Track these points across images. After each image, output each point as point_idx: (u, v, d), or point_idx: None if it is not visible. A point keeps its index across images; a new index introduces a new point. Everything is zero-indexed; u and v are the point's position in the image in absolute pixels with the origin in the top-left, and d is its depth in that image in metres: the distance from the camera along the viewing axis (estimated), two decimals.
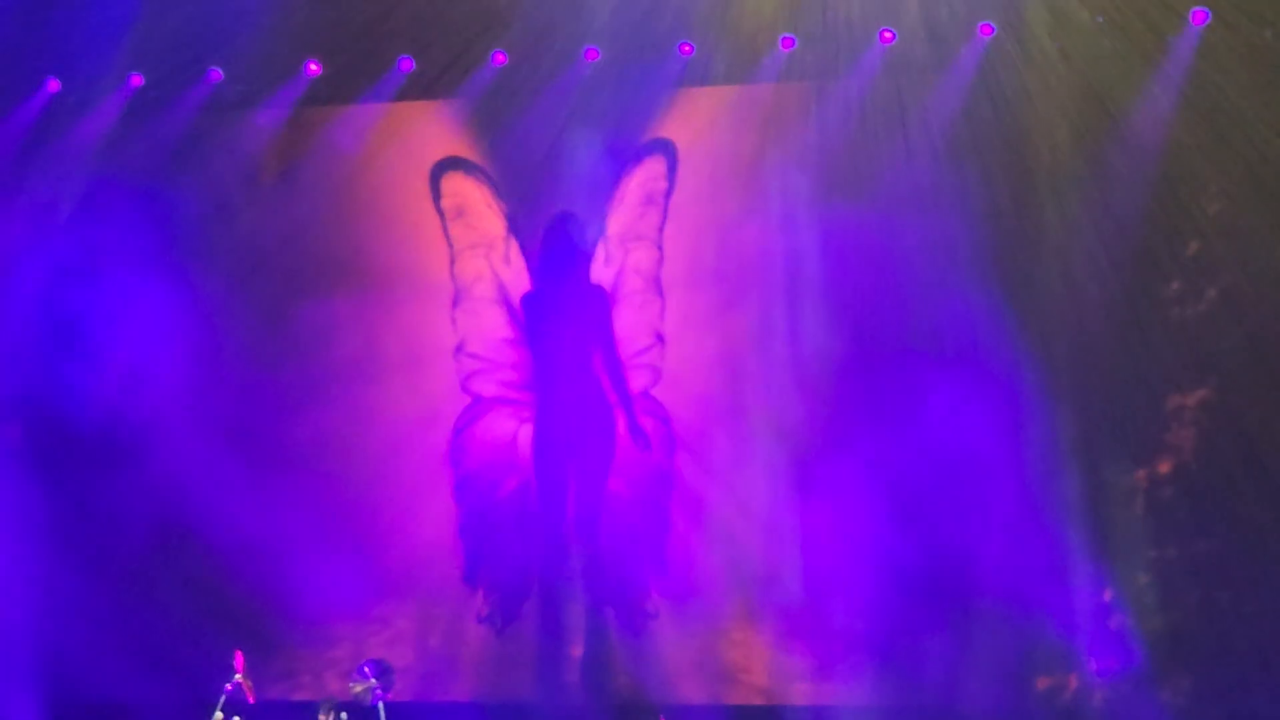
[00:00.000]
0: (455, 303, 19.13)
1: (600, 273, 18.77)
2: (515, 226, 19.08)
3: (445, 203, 19.25)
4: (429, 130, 19.13)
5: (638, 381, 18.57)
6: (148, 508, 18.76)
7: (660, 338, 18.67)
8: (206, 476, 18.62)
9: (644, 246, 18.80)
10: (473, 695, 18.60)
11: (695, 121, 18.42)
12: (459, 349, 19.12)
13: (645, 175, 18.77)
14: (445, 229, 19.22)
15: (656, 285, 18.71)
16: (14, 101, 19.06)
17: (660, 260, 18.63)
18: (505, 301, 19.12)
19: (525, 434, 18.97)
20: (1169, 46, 16.73)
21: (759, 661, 18.09)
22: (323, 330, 19.16)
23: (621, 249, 18.80)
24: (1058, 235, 16.84)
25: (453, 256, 19.16)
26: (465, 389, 19.09)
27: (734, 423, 18.22)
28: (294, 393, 19.12)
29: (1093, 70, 16.99)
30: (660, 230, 18.65)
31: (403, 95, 18.81)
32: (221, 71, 18.46)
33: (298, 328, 19.07)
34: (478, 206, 19.18)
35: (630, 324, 18.69)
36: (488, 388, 19.15)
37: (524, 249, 19.08)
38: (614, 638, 18.36)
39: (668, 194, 18.65)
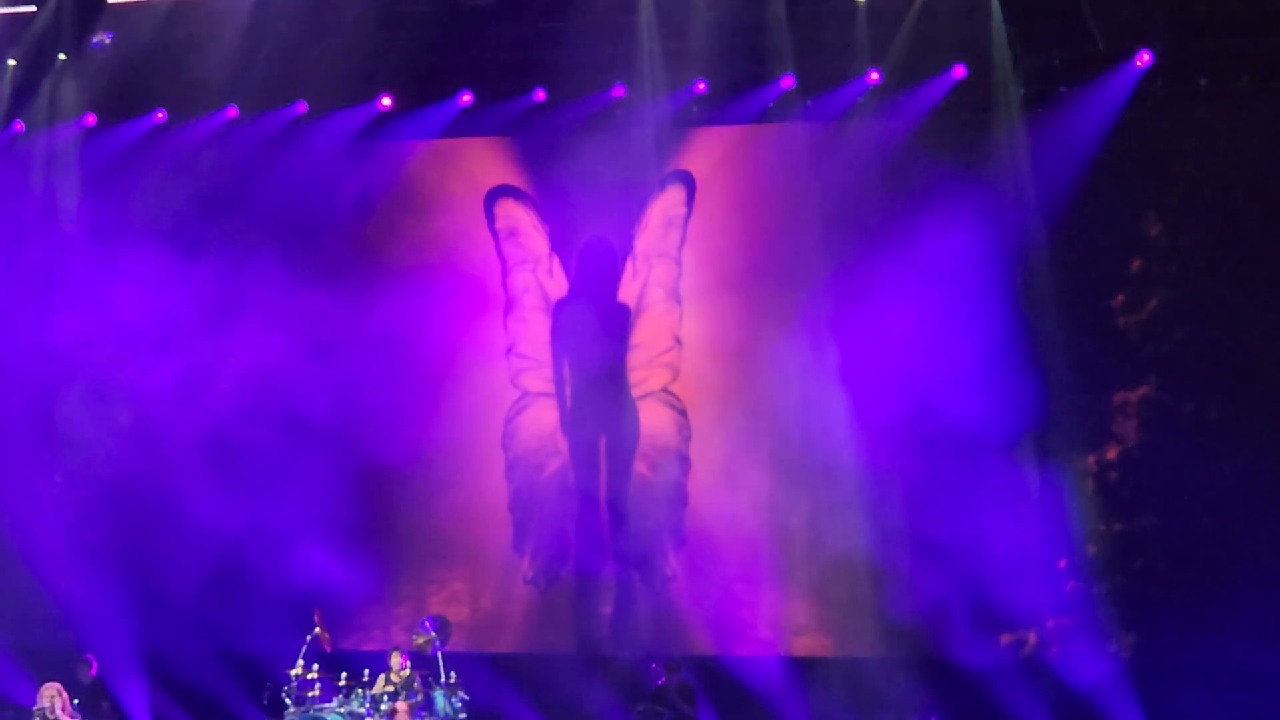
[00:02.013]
0: (507, 310, 20.78)
1: (629, 286, 20.36)
2: (556, 245, 20.70)
3: (499, 225, 20.89)
4: (483, 162, 20.71)
5: (660, 379, 20.25)
6: (242, 482, 20.28)
7: (678, 340, 20.26)
8: (293, 457, 20.18)
9: (665, 263, 20.34)
10: (517, 648, 20.19)
11: (711, 155, 19.96)
12: (510, 350, 20.77)
13: (667, 202, 20.31)
14: (499, 248, 20.85)
15: (675, 295, 20.28)
16: (127, 128, 20.59)
17: (679, 274, 20.22)
18: (549, 309, 20.78)
19: None
20: (1115, 91, 18.30)
21: (763, 618, 19.67)
22: (393, 334, 20.62)
23: (646, 265, 20.37)
24: (1022, 255, 18.38)
25: (505, 271, 20.80)
26: (515, 384, 20.73)
27: (740, 413, 19.78)
28: (370, 390, 20.60)
29: (1051, 110, 18.55)
30: (679, 249, 20.20)
31: (458, 130, 20.40)
32: (306, 104, 20.14)
33: (372, 333, 20.58)
34: (526, 228, 20.82)
35: (654, 330, 20.28)
36: (534, 383, 20.80)
37: (564, 264, 20.67)
38: (639, 598, 20.02)
39: (686, 218, 20.22)
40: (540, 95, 19.81)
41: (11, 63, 20.26)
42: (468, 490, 20.87)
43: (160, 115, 20.54)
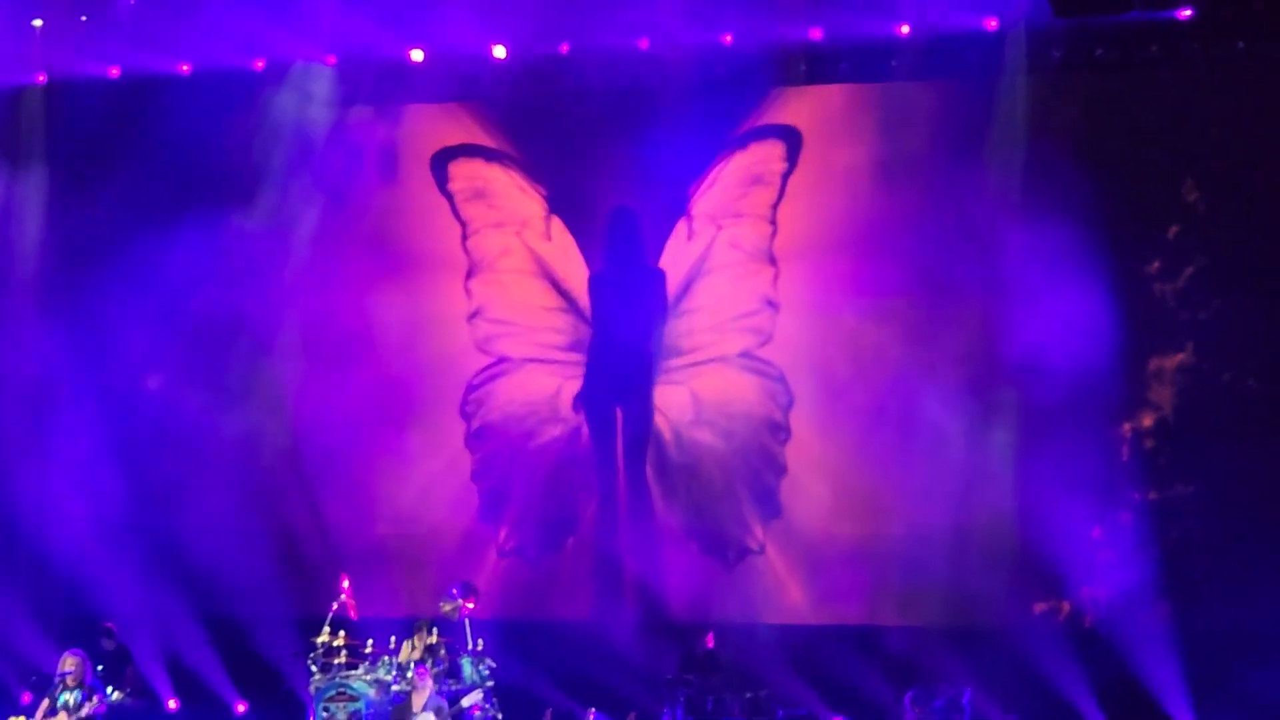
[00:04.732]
0: (470, 274, 20.99)
1: (681, 249, 20.45)
2: (557, 207, 20.80)
3: (453, 186, 21.09)
4: (450, 124, 21.15)
5: (739, 343, 20.30)
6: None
7: (771, 303, 20.26)
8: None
9: (750, 222, 20.31)
10: (540, 615, 20.51)
11: (813, 113, 20.14)
12: (476, 314, 20.97)
13: (753, 159, 20.29)
14: (456, 210, 21.06)
15: (767, 256, 20.27)
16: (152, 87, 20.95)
17: (772, 233, 20.20)
18: (546, 274, 20.90)
19: (570, 389, 20.86)
20: (1152, 53, 18.75)
21: (777, 581, 20.04)
22: (357, 305, 21.22)
23: (712, 225, 20.35)
24: (1058, 221, 18.50)
25: (465, 234, 21.03)
26: (484, 350, 20.95)
27: (850, 381, 19.94)
28: (338, 355, 21.12)
29: (1091, 75, 18.89)
30: (774, 207, 20.18)
31: (453, 94, 20.92)
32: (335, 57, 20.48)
33: (343, 306, 21.18)
34: (505, 189, 20.96)
35: (728, 292, 20.37)
36: (516, 349, 20.93)
37: (572, 227, 20.80)
38: (689, 567, 20.42)
39: (786, 174, 20.18)
40: (564, 48, 20.06)
41: (37, 23, 20.70)
42: (409, 459, 21.26)
43: (184, 68, 20.96)
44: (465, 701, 17.98)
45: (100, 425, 21.36)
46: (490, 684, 18.32)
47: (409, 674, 17.86)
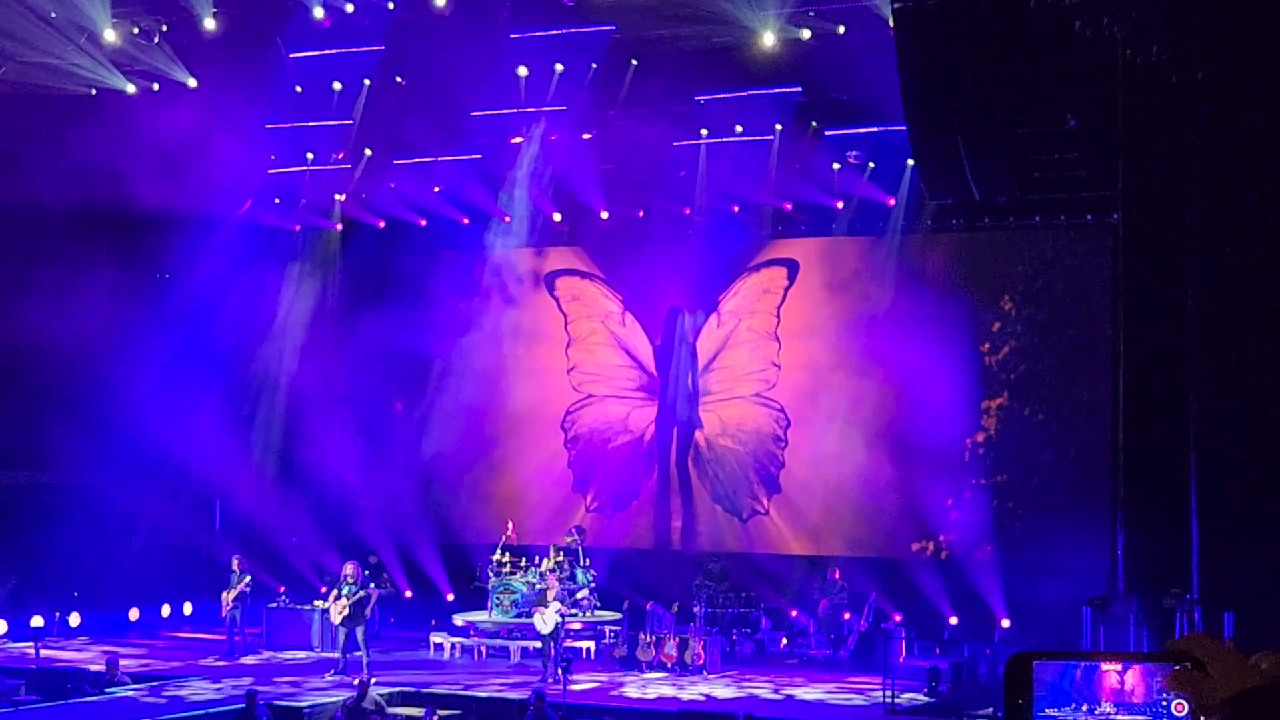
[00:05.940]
0: (569, 345, 28.85)
1: (712, 333, 27.65)
2: (630, 306, 28.57)
3: (559, 292, 28.90)
4: (562, 258, 29.20)
5: (753, 388, 27.73)
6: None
7: (776, 365, 27.47)
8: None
9: (760, 315, 27.40)
10: (618, 546, 28.34)
11: (794, 253, 27.98)
12: (572, 369, 28.82)
13: (764, 278, 27.54)
14: (560, 307, 28.87)
15: (774, 336, 27.44)
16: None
17: (777, 323, 27.49)
18: (621, 346, 28.50)
19: (636, 414, 28.53)
20: (985, 226, 27.31)
21: (774, 530, 28.35)
22: (508, 360, 29.26)
23: (735, 318, 27.65)
24: (929, 318, 26.99)
25: (567, 321, 28.83)
26: (577, 389, 28.61)
27: (824, 411, 27.42)
28: (495, 390, 29.03)
29: (948, 235, 27.39)
30: (778, 307, 27.49)
31: (561, 240, 29.05)
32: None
33: (475, 360, 29.27)
34: (593, 296, 28.60)
35: (745, 356, 27.72)
36: (600, 388, 28.55)
37: (639, 319, 28.33)
38: (712, 519, 27.83)
39: (787, 289, 27.38)
40: (640, 214, 28.37)
41: (340, 196, 29.21)
42: (532, 453, 28.73)
43: (422, 221, 29.38)
44: (579, 595, 24.53)
45: (357, 430, 29.12)
46: (593, 585, 25.12)
47: (546, 577, 24.13)
